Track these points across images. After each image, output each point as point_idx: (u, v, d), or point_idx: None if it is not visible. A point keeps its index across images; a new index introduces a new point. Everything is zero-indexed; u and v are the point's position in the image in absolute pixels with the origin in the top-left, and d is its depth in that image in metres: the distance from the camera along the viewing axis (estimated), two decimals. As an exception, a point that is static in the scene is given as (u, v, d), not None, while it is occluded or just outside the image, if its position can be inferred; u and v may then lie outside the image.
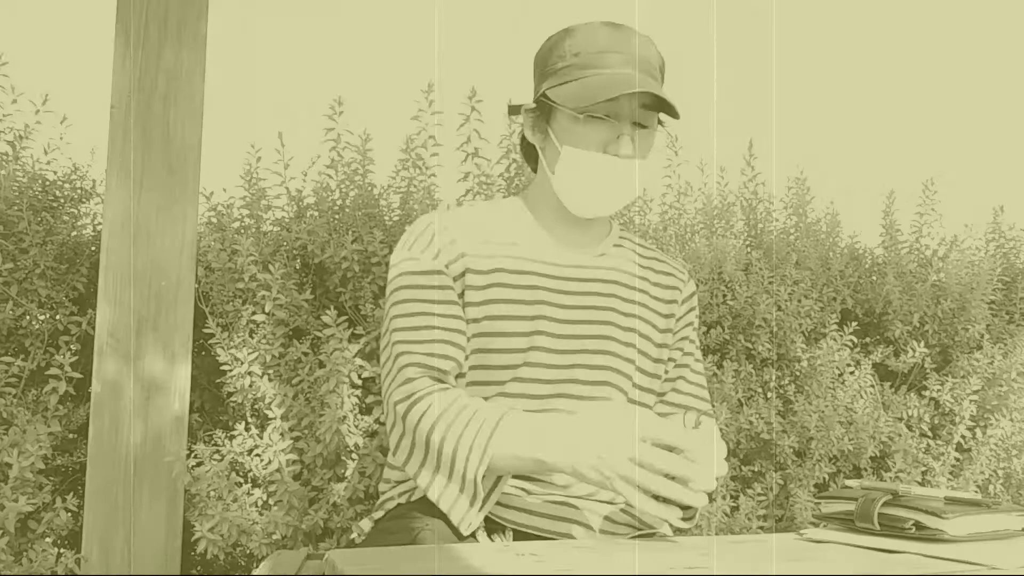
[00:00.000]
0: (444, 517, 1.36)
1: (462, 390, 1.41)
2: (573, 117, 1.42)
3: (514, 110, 1.57)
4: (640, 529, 1.48)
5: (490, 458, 1.30)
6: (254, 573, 1.42)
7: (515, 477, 1.42)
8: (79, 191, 2.33)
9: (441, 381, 1.39)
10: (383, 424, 2.01)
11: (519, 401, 1.43)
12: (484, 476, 1.32)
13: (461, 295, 1.44)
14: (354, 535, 1.56)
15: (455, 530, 1.34)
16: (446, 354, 1.41)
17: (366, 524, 1.51)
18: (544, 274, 1.48)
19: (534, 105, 1.51)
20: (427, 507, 1.40)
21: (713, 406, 2.40)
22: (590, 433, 1.23)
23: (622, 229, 1.64)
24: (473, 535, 1.38)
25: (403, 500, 1.47)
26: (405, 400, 1.37)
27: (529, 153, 1.59)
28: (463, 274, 1.44)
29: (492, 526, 1.41)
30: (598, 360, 1.47)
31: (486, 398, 1.43)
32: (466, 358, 1.44)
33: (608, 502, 1.47)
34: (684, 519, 1.46)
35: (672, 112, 1.42)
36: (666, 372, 1.60)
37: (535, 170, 1.58)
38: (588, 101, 1.39)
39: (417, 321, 1.42)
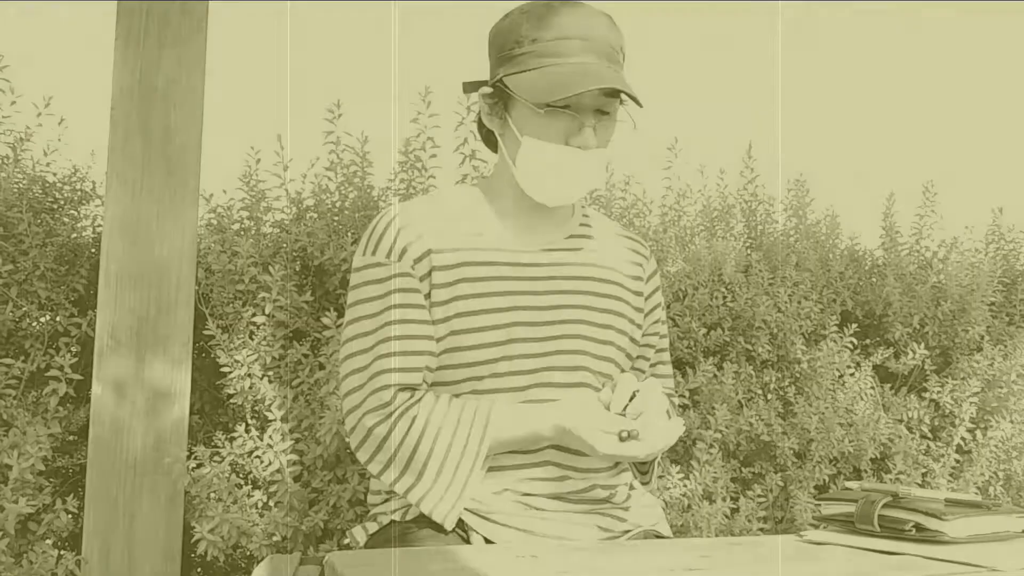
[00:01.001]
0: (441, 530, 1.36)
1: (433, 395, 1.41)
2: (531, 110, 1.40)
3: (469, 87, 1.51)
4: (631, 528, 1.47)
5: (490, 440, 1.37)
6: None
7: (529, 495, 1.41)
8: (79, 193, 2.33)
9: (413, 392, 1.40)
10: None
11: (497, 395, 1.41)
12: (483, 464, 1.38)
13: (428, 295, 1.41)
14: (347, 540, 1.55)
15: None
16: (416, 366, 1.38)
17: (359, 533, 1.49)
18: (513, 263, 1.44)
19: (491, 90, 1.46)
20: (426, 523, 1.39)
21: (714, 407, 2.40)
22: (568, 408, 1.37)
23: (584, 207, 1.61)
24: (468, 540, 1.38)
25: (397, 517, 1.44)
26: (384, 421, 1.37)
27: (488, 136, 1.54)
28: (429, 273, 1.40)
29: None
30: (574, 345, 1.45)
31: (457, 395, 1.41)
32: (436, 358, 1.41)
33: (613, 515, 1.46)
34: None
35: (636, 102, 1.39)
36: (643, 349, 1.59)
37: (495, 151, 1.53)
38: (549, 97, 1.36)
39: (383, 333, 1.39)
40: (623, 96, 1.42)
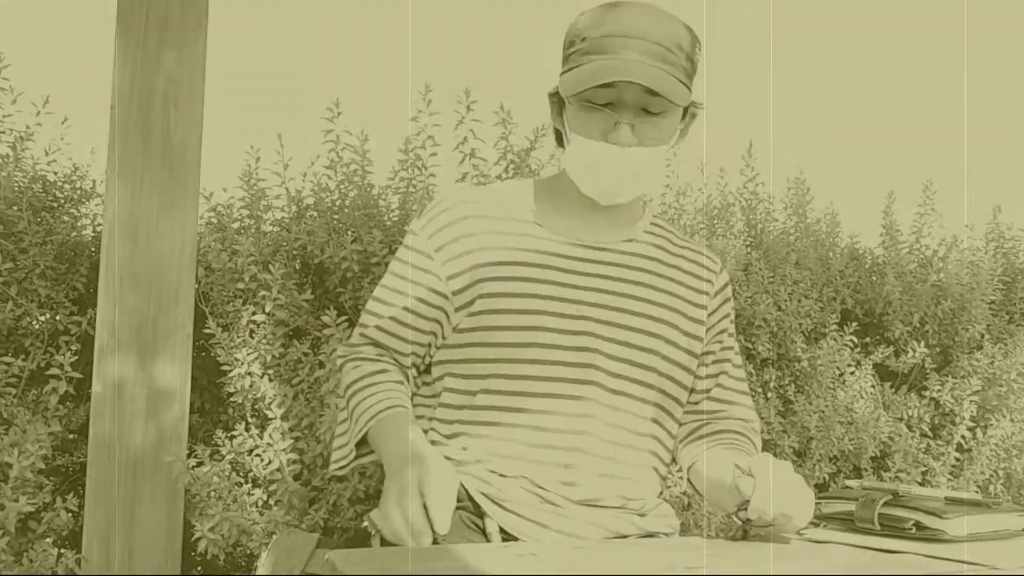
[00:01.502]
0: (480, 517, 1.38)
1: (391, 367, 1.49)
2: (578, 105, 1.41)
3: (553, 97, 1.54)
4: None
5: (375, 423, 1.41)
6: (261, 561, 1.41)
7: (545, 489, 1.41)
8: (79, 191, 2.33)
9: (381, 351, 1.51)
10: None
11: (522, 383, 1.40)
12: (366, 431, 1.43)
13: (460, 274, 1.43)
14: (365, 524, 1.53)
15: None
16: (396, 333, 1.48)
17: (377, 516, 1.48)
18: (562, 255, 1.45)
19: (554, 90, 1.48)
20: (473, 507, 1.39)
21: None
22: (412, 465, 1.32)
23: (656, 216, 1.61)
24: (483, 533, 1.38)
25: None
26: (342, 357, 1.53)
27: (559, 137, 1.55)
28: (470, 251, 1.44)
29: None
30: (589, 343, 1.43)
31: (484, 376, 1.43)
32: (429, 344, 1.48)
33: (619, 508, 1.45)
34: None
35: (667, 100, 1.37)
36: (705, 367, 1.57)
37: (561, 143, 1.54)
38: (572, 91, 1.38)
39: (387, 298, 1.50)
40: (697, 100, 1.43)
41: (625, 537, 1.44)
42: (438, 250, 1.46)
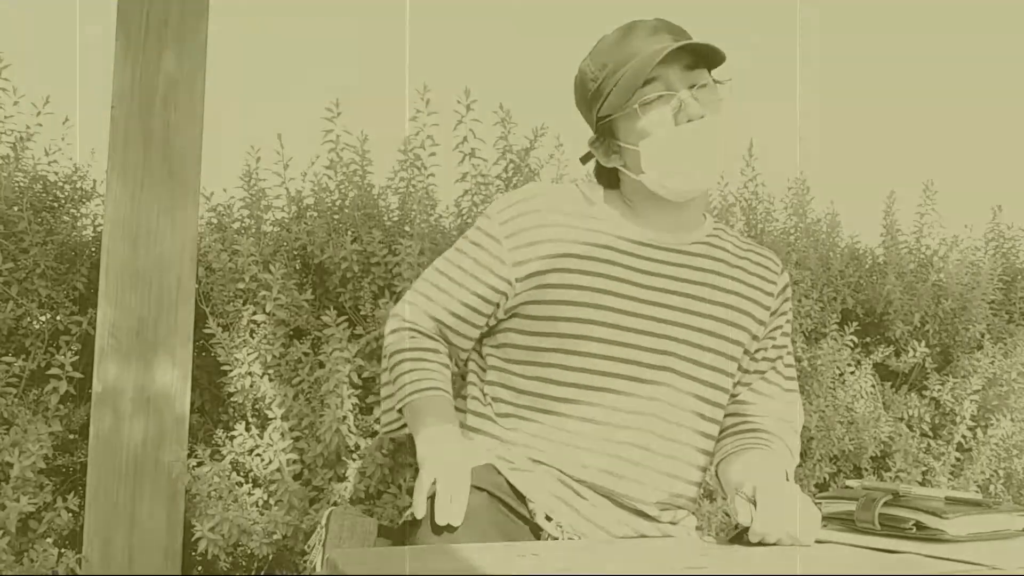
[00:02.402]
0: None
1: (443, 348, 1.54)
2: (632, 116, 1.41)
3: (587, 158, 1.57)
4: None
5: (413, 401, 1.46)
6: (319, 530, 1.42)
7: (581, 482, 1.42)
8: (80, 191, 2.33)
9: (425, 332, 1.54)
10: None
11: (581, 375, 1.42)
12: (407, 403, 1.47)
13: (527, 261, 1.45)
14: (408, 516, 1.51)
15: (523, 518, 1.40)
16: (456, 312, 1.50)
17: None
18: (635, 254, 1.46)
19: (595, 136, 1.52)
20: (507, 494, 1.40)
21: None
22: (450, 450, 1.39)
23: (716, 220, 1.62)
24: (531, 521, 1.39)
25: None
26: (398, 320, 1.56)
27: (608, 176, 1.57)
28: (539, 241, 1.45)
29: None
30: (663, 346, 1.43)
31: (543, 364, 1.44)
32: (477, 328, 1.52)
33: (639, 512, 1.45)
34: None
35: (716, 55, 1.40)
36: (755, 362, 1.57)
37: (612, 185, 1.56)
38: (630, 91, 1.39)
39: (451, 273, 1.52)
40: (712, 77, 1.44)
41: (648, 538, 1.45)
42: (508, 236, 1.47)
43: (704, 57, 1.42)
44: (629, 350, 1.41)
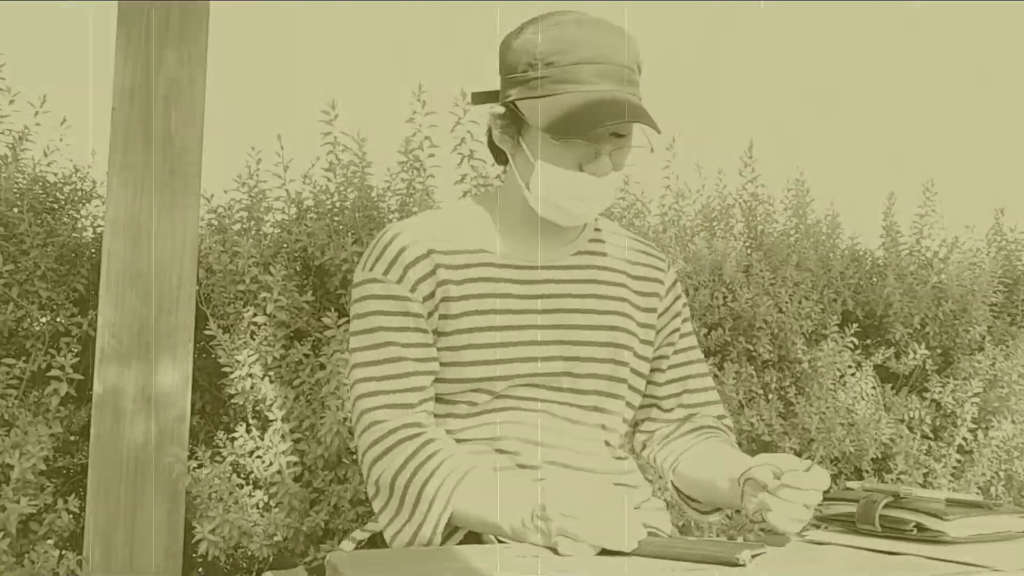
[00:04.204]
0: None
1: (433, 430, 1.38)
2: (545, 137, 1.38)
3: (479, 98, 1.48)
4: None
5: (452, 509, 1.29)
6: None
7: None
8: (80, 193, 2.33)
9: (407, 411, 1.37)
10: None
11: (499, 414, 1.40)
12: (444, 526, 1.31)
13: (433, 312, 1.39)
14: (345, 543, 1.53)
15: None
16: (413, 386, 1.37)
17: (348, 546, 1.47)
18: (519, 280, 1.44)
19: (503, 110, 1.44)
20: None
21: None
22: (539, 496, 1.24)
23: (598, 219, 1.58)
24: None
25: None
26: (374, 445, 1.36)
27: (497, 150, 1.51)
28: (434, 292, 1.38)
29: None
30: (566, 359, 1.44)
31: (453, 401, 1.41)
32: (433, 382, 1.40)
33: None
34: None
35: (656, 130, 1.38)
36: (667, 370, 1.57)
37: (501, 163, 1.51)
38: (566, 135, 1.34)
39: (383, 353, 1.38)
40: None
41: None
42: (412, 290, 1.39)
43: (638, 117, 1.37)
44: (518, 375, 1.41)
